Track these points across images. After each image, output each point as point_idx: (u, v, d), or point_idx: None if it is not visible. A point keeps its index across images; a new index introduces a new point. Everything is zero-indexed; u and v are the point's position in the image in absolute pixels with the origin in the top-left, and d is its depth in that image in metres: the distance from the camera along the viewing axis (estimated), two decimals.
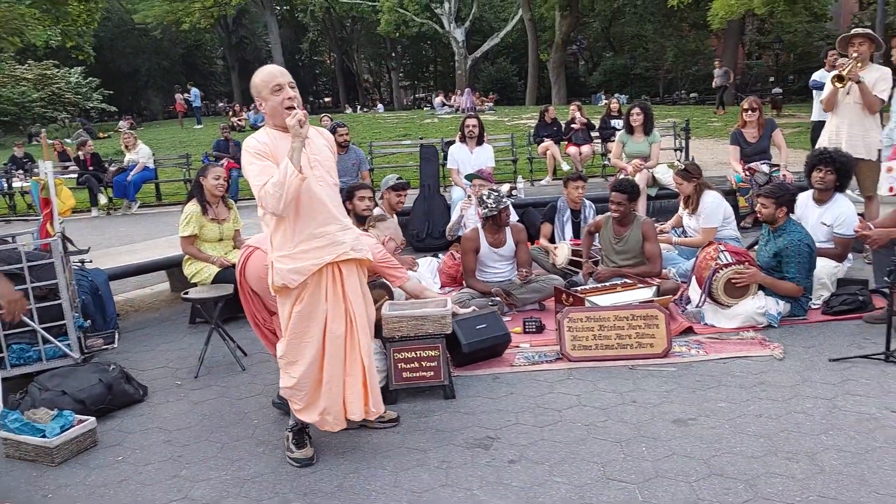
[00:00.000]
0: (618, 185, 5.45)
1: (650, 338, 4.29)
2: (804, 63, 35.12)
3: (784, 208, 4.78)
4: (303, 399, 3.24)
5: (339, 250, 3.16)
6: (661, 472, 3.02)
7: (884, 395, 3.61)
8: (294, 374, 3.21)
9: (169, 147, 19.84)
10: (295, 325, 3.17)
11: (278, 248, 3.13)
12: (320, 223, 3.13)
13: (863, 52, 5.86)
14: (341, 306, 3.20)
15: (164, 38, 42.65)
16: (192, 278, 5.44)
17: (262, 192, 2.97)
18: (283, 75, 3.14)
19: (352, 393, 3.25)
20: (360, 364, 3.26)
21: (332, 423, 3.27)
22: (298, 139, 2.96)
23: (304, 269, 3.09)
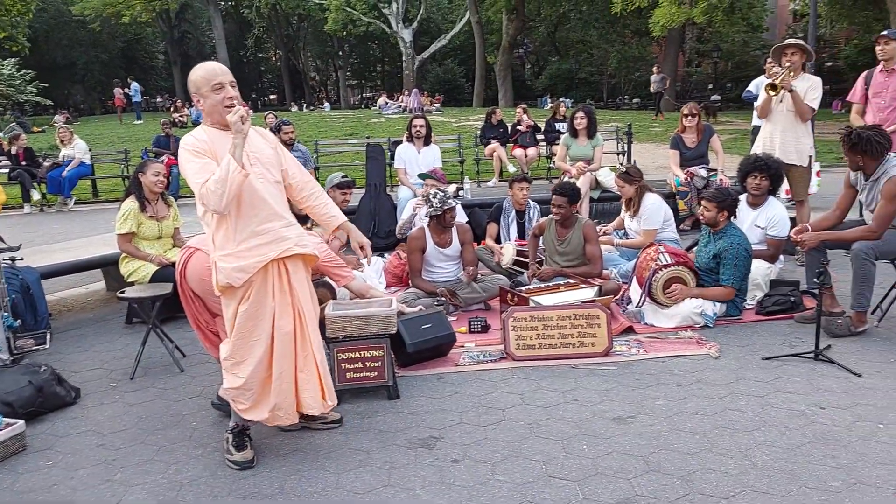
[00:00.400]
0: (558, 188, 5.54)
1: (592, 337, 4.36)
2: (741, 71, 36.20)
3: (725, 212, 4.91)
4: (250, 398, 3.19)
5: (284, 246, 3.13)
6: (600, 469, 3.07)
7: (813, 392, 3.74)
8: (241, 374, 3.16)
9: (107, 142, 19.32)
10: (241, 325, 3.12)
11: (221, 247, 3.08)
12: (262, 220, 3.09)
13: (795, 61, 6.06)
14: (289, 302, 3.17)
15: (102, 30, 41.45)
16: (129, 277, 5.30)
17: (203, 190, 2.92)
18: (224, 73, 3.09)
19: (308, 388, 3.23)
20: (314, 359, 3.25)
21: (284, 417, 3.24)
22: (240, 136, 2.93)
23: (249, 267, 3.05)
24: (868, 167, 4.56)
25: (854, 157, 4.57)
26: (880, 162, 4.50)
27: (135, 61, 48.69)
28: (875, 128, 4.62)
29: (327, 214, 3.44)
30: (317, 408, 3.27)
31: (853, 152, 4.54)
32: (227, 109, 3.01)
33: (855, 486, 2.84)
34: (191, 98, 3.19)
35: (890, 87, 6.04)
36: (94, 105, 48.18)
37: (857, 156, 4.54)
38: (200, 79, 3.07)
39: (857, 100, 6.34)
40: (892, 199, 4.38)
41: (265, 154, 3.21)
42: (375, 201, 7.78)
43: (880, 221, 4.45)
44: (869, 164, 4.55)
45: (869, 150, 4.48)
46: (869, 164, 4.55)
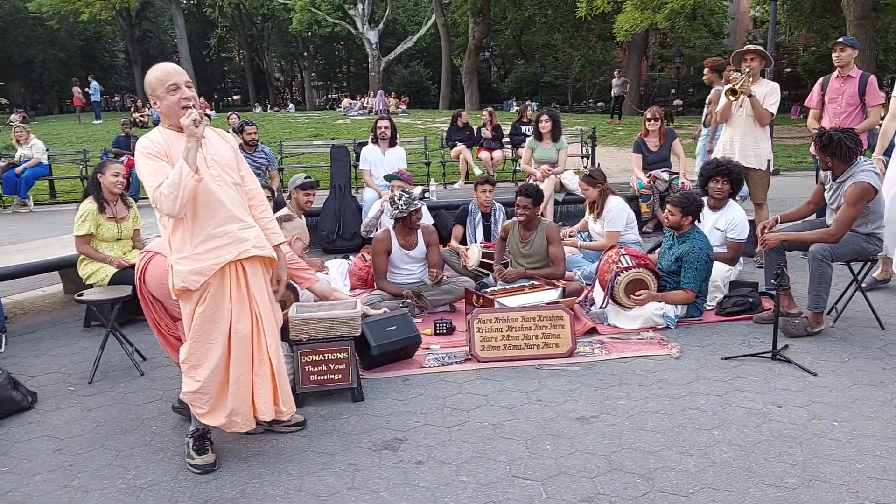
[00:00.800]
0: (522, 189, 5.58)
1: (556, 338, 4.40)
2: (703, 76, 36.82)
3: (690, 217, 4.99)
4: (207, 402, 3.16)
5: (241, 248, 3.09)
6: (564, 468, 3.09)
7: (770, 391, 3.82)
8: (198, 377, 3.12)
9: (65, 142, 18.95)
10: (198, 327, 3.08)
11: (177, 250, 3.04)
12: (219, 222, 3.06)
13: (754, 67, 6.19)
14: (246, 305, 3.14)
15: (60, 28, 40.56)
16: (88, 279, 5.20)
17: (157, 194, 2.88)
18: (178, 74, 3.05)
19: (261, 393, 3.19)
20: (269, 363, 3.21)
21: (241, 423, 3.20)
22: (193, 139, 2.89)
23: (206, 270, 3.01)
24: (837, 169, 4.68)
25: (824, 158, 4.68)
26: (849, 165, 4.62)
27: (94, 60, 47.82)
28: (847, 131, 4.74)
29: (268, 230, 3.36)
30: (269, 413, 3.22)
31: (824, 153, 4.65)
32: (184, 111, 2.98)
33: (810, 483, 2.90)
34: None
35: (845, 93, 6.21)
36: (51, 104, 47.18)
37: (827, 157, 4.65)
38: (156, 80, 3.03)
39: (814, 105, 6.49)
40: (853, 203, 4.50)
41: (224, 156, 3.18)
42: (340, 203, 7.74)
43: (839, 225, 4.56)
44: (838, 166, 4.66)
45: (838, 153, 4.59)
46: (838, 166, 4.66)
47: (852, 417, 3.47)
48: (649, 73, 42.85)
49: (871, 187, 4.50)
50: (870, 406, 3.59)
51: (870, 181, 4.51)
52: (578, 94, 44.32)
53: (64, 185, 13.37)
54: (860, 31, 16.91)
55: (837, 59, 6.20)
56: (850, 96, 6.18)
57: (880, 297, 5.35)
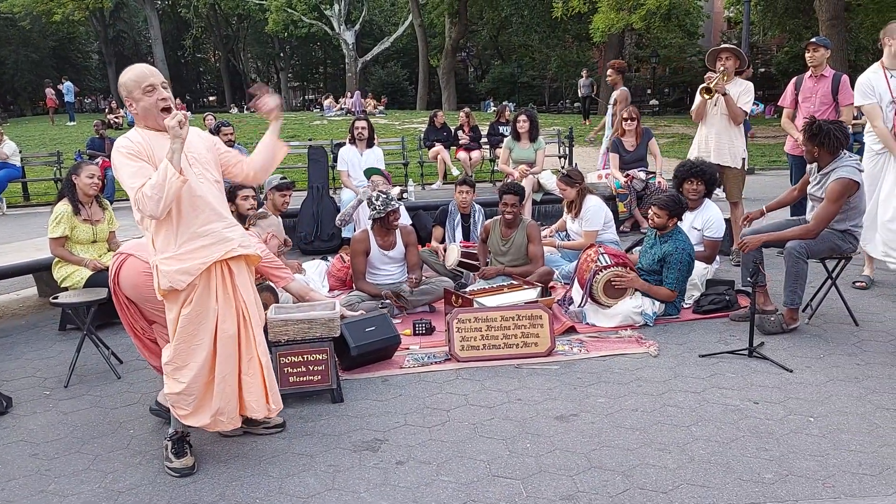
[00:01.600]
0: (509, 187, 5.64)
1: (535, 337, 4.41)
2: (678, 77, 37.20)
3: (675, 219, 5.03)
4: (191, 404, 3.13)
5: (228, 247, 3.09)
6: (543, 466, 3.10)
7: (747, 387, 3.86)
8: (183, 378, 3.10)
9: (38, 144, 18.69)
10: (184, 329, 3.06)
11: (162, 251, 3.02)
12: (204, 221, 3.05)
13: (729, 66, 6.25)
14: (232, 305, 3.13)
15: (33, 28, 39.98)
16: (63, 282, 5.13)
17: (140, 195, 2.85)
18: (154, 75, 3.03)
19: (252, 391, 3.18)
20: (258, 361, 3.20)
21: (227, 423, 3.19)
22: (178, 140, 2.87)
23: (193, 269, 3.00)
24: (822, 160, 4.71)
25: (812, 148, 4.71)
26: (834, 157, 4.67)
27: (67, 61, 47.18)
28: (837, 122, 4.79)
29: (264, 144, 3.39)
30: (260, 411, 3.23)
31: (811, 142, 4.69)
32: (163, 112, 2.98)
33: (787, 478, 2.94)
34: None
35: (818, 92, 6.29)
36: (24, 106, 46.46)
37: (814, 147, 4.69)
38: (131, 82, 3.00)
39: (787, 105, 6.57)
40: (835, 199, 4.54)
41: (204, 154, 3.17)
42: (318, 204, 7.71)
43: (818, 221, 4.61)
44: (824, 157, 4.70)
45: (826, 144, 4.64)
46: (824, 157, 4.70)
47: (828, 413, 3.52)
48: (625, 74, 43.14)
49: (853, 182, 4.56)
50: (845, 401, 3.64)
51: (852, 177, 4.56)
52: (555, 95, 44.52)
53: (37, 187, 13.19)
54: (832, 31, 17.14)
55: (811, 59, 6.28)
56: (823, 95, 6.25)
57: (855, 293, 5.43)
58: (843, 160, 4.65)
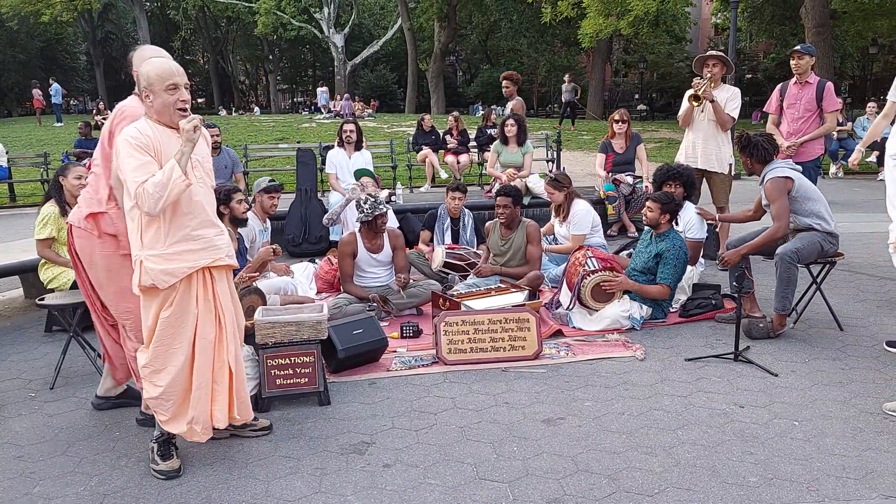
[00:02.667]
0: (502, 189, 5.78)
1: (522, 340, 4.42)
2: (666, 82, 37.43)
3: (667, 215, 5.07)
4: (169, 409, 3.12)
5: (216, 255, 3.10)
6: (530, 470, 3.11)
7: (733, 391, 3.88)
8: (160, 382, 3.08)
9: (25, 145, 18.53)
10: (163, 332, 3.04)
11: (149, 247, 3.00)
12: (197, 226, 3.05)
13: (716, 72, 6.30)
14: (212, 310, 3.12)
15: (20, 29, 39.67)
16: (49, 284, 5.10)
17: (141, 191, 2.85)
18: (180, 74, 3.02)
19: (218, 400, 3.16)
20: (228, 369, 3.18)
21: (200, 433, 3.16)
22: (190, 144, 2.90)
23: (178, 272, 2.99)
24: (756, 170, 4.90)
25: (745, 160, 4.90)
26: (765, 166, 4.84)
27: (55, 62, 46.79)
28: (766, 135, 4.94)
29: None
30: (223, 421, 3.18)
31: (743, 154, 4.89)
32: (179, 113, 2.99)
33: (771, 481, 2.96)
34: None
35: (803, 99, 6.35)
36: (11, 106, 46.09)
37: (745, 157, 4.88)
38: (154, 75, 2.97)
39: (772, 111, 6.63)
40: (776, 198, 4.68)
41: (205, 158, 3.20)
42: (306, 207, 7.70)
43: (777, 218, 4.70)
44: (756, 167, 4.89)
45: (756, 155, 4.83)
46: (756, 167, 4.89)
47: (812, 417, 3.54)
48: (613, 79, 43.34)
49: (783, 178, 4.70)
50: (829, 406, 3.67)
51: (780, 174, 4.71)
52: (543, 99, 44.66)
53: (24, 188, 13.09)
54: (818, 38, 17.30)
55: (796, 66, 6.34)
56: (807, 102, 6.32)
57: (839, 298, 5.47)
58: (771, 166, 4.82)
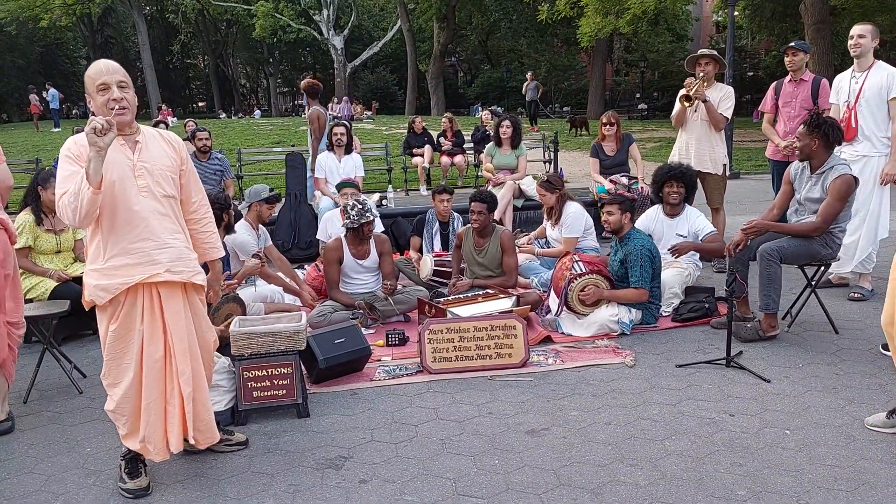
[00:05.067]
0: (477, 195, 5.53)
1: (509, 348, 4.31)
2: (667, 81, 37.22)
3: (628, 214, 4.96)
4: (125, 425, 3.02)
5: (151, 270, 2.90)
6: (511, 485, 3.00)
7: (724, 399, 3.77)
8: (115, 396, 2.99)
9: (20, 151, 18.49)
10: (112, 345, 2.95)
11: (91, 261, 2.92)
12: (134, 238, 2.89)
13: (708, 71, 6.19)
14: (159, 329, 2.96)
15: (19, 34, 39.67)
16: (27, 294, 4.98)
17: (61, 202, 2.74)
18: (110, 73, 2.86)
19: (171, 422, 3.00)
20: (178, 392, 3.00)
21: (154, 453, 3.00)
22: (94, 148, 2.65)
23: (111, 287, 2.87)
24: (818, 156, 4.59)
25: (810, 141, 4.57)
26: (829, 155, 4.59)
27: (55, 66, 46.74)
28: (834, 119, 4.73)
29: (209, 244, 3.25)
30: (175, 444, 3.01)
31: (812, 134, 4.55)
32: (113, 113, 2.82)
33: (760, 495, 2.85)
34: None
35: (798, 97, 6.22)
36: (11, 112, 46.09)
37: (813, 139, 4.56)
38: (88, 79, 2.87)
39: (767, 109, 6.50)
40: (841, 197, 4.44)
41: (160, 165, 2.99)
42: (295, 211, 7.60)
43: (826, 218, 4.49)
44: (819, 154, 4.59)
45: (830, 135, 4.55)
46: (819, 154, 4.59)
47: (805, 425, 3.43)
48: (614, 78, 43.20)
49: (854, 179, 4.49)
50: (822, 413, 3.55)
51: (853, 174, 4.50)
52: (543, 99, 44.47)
53: (17, 194, 12.97)
54: (818, 35, 17.16)
55: (790, 63, 6.22)
56: (803, 100, 6.19)
57: (834, 301, 5.35)
58: (837, 158, 4.60)
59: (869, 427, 3.36)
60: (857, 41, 5.42)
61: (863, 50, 5.41)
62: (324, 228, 6.73)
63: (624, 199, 4.99)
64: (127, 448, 3.09)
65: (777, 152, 6.28)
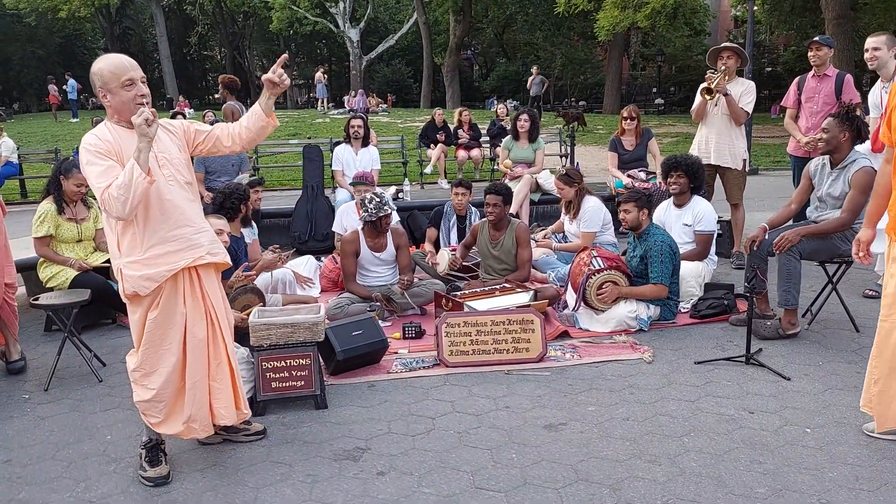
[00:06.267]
0: (492, 188, 5.52)
1: (526, 342, 4.30)
2: (684, 75, 36.95)
3: (645, 210, 4.93)
4: (162, 411, 3.05)
5: (196, 254, 2.99)
6: (529, 478, 3.00)
7: (743, 396, 3.74)
8: (152, 385, 3.01)
9: (39, 141, 18.64)
10: (151, 333, 2.98)
11: (127, 254, 2.92)
12: (172, 226, 2.95)
13: (730, 65, 6.14)
14: (201, 309, 3.05)
15: (39, 25, 39.94)
16: (48, 283, 5.05)
17: (106, 196, 2.75)
18: (135, 69, 2.91)
19: (221, 398, 3.11)
20: (228, 366, 3.13)
21: (199, 430, 3.11)
22: (146, 139, 2.75)
23: (158, 276, 2.91)
24: (843, 150, 4.52)
25: (840, 133, 4.49)
26: (851, 150, 4.54)
27: (74, 58, 47.04)
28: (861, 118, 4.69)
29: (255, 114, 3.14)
30: (230, 418, 3.15)
31: (843, 126, 4.48)
32: (138, 108, 2.85)
33: (780, 493, 2.83)
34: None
35: (821, 92, 6.15)
36: (30, 102, 46.44)
37: (843, 132, 4.49)
38: (108, 73, 2.88)
39: (790, 105, 6.44)
40: (865, 189, 4.35)
41: (175, 154, 3.06)
42: (312, 204, 7.61)
43: (853, 211, 4.43)
44: (845, 148, 4.52)
45: (860, 131, 4.52)
46: (845, 148, 4.52)
47: (825, 423, 3.40)
48: (630, 73, 42.94)
49: (874, 170, 4.42)
50: (843, 412, 3.52)
51: (871, 165, 4.43)
52: (560, 93, 44.31)
53: (35, 184, 13.11)
54: (839, 30, 16.97)
55: (813, 58, 6.15)
56: (826, 95, 6.12)
57: (855, 298, 5.30)
58: (859, 153, 4.55)
59: (867, 433, 3.28)
60: (873, 54, 5.36)
61: (880, 63, 5.36)
62: (339, 221, 6.75)
63: (640, 195, 4.96)
64: (149, 437, 3.12)
65: (798, 148, 6.21)
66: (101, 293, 4.83)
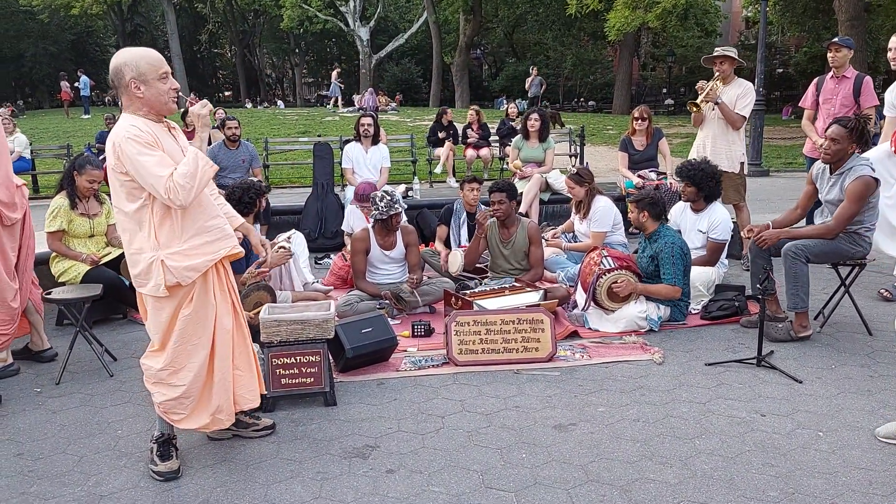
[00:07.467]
0: (495, 185, 5.54)
1: (536, 342, 4.29)
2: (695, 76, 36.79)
3: (646, 212, 4.91)
4: (188, 407, 3.07)
5: (231, 243, 3.08)
6: (539, 479, 2.99)
7: (754, 398, 3.72)
8: (181, 381, 3.03)
9: (52, 137, 18.70)
10: (183, 330, 3.00)
11: (166, 245, 2.93)
12: (209, 217, 3.03)
13: (725, 70, 6.15)
14: (228, 299, 3.12)
15: (51, 22, 40.16)
16: (60, 277, 5.06)
17: (171, 184, 2.77)
18: (166, 62, 2.99)
19: (245, 384, 3.18)
20: (252, 352, 3.23)
21: (225, 420, 3.17)
22: (206, 129, 2.93)
23: (201, 266, 2.96)
24: (845, 150, 4.47)
25: (848, 146, 4.44)
26: (851, 156, 4.49)
27: (86, 55, 47.31)
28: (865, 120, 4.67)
29: (230, 216, 3.38)
30: (254, 401, 3.22)
31: (850, 137, 4.43)
32: (172, 101, 2.95)
33: (793, 496, 2.81)
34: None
35: (839, 94, 6.11)
36: (42, 98, 46.69)
37: (852, 145, 4.45)
38: (146, 65, 2.89)
39: (808, 106, 6.40)
40: (857, 199, 4.34)
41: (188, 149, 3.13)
42: (322, 201, 7.62)
43: (840, 220, 4.41)
44: (850, 148, 4.47)
45: (866, 142, 4.51)
46: (850, 148, 4.47)
47: (838, 427, 3.38)
48: (641, 73, 42.83)
49: (873, 180, 4.38)
50: (856, 415, 3.49)
51: (871, 174, 4.39)
52: (569, 93, 44.24)
53: (47, 179, 13.18)
54: (852, 31, 16.85)
55: (832, 59, 6.10)
56: (844, 97, 6.07)
57: (868, 301, 5.27)
58: (858, 159, 4.48)
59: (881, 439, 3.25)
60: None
61: None
62: (348, 220, 6.74)
63: (642, 198, 4.94)
64: (161, 431, 3.13)
65: (815, 150, 6.16)
66: (112, 288, 4.85)
